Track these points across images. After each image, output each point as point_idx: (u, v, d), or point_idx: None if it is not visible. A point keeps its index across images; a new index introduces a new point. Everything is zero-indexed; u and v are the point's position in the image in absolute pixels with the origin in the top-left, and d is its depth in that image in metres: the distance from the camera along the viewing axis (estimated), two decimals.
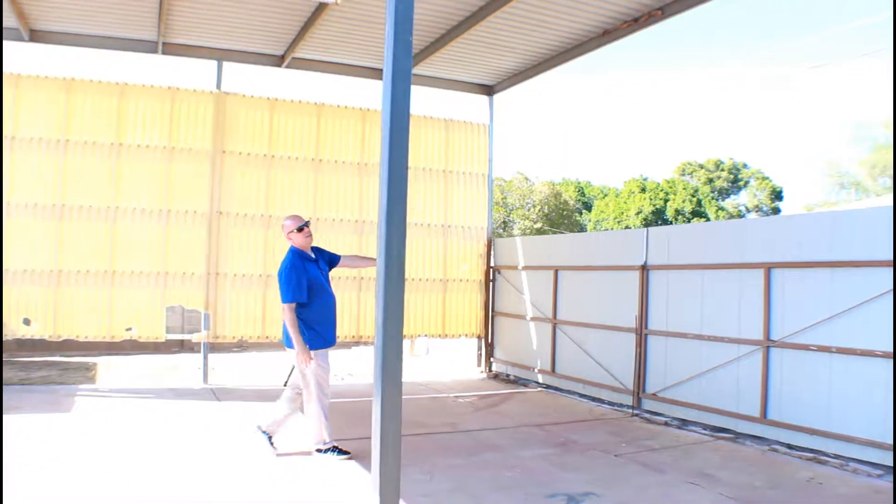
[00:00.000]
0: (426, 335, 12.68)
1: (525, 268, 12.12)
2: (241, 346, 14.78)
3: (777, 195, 59.37)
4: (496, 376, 12.63)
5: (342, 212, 11.87)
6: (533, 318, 11.85)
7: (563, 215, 44.05)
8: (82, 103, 10.77)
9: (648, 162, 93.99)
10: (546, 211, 42.53)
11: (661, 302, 9.37)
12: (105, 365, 12.90)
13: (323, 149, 11.81)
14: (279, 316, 11.21)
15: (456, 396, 10.62)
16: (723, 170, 61.50)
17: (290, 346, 6.82)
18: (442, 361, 14.44)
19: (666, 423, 8.86)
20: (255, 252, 11.40)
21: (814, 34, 78.88)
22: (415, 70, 11.87)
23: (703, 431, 8.40)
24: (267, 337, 11.42)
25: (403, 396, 4.52)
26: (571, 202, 49.43)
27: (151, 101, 11.03)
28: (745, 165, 62.11)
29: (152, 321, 10.93)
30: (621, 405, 9.87)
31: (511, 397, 10.72)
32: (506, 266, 12.68)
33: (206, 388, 10.76)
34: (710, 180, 60.48)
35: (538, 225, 41.59)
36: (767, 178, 61.01)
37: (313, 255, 7.04)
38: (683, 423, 8.76)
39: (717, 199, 58.95)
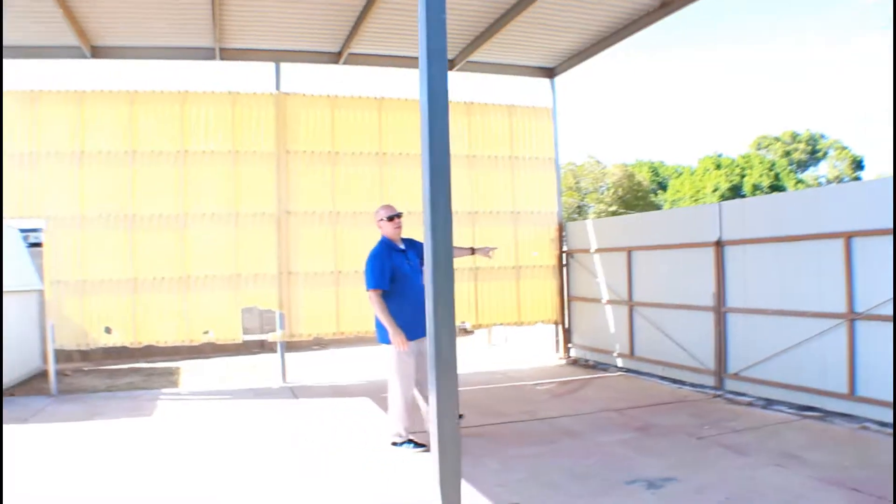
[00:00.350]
0: (501, 324, 12.53)
1: (598, 250, 11.86)
2: (319, 344, 14.85)
3: (858, 164, 57.80)
4: (575, 362, 12.41)
5: (410, 204, 11.74)
6: (609, 302, 11.60)
7: (638, 197, 43.35)
8: (146, 114, 10.92)
9: (722, 138, 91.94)
10: (620, 193, 41.95)
11: (738, 278, 9.03)
12: (188, 369, 13.08)
13: (386, 142, 11.75)
14: (354, 312, 11.32)
15: (534, 384, 10.44)
16: (800, 141, 60.23)
17: (384, 340, 6.80)
18: (520, 349, 14.27)
19: (750, 404, 8.50)
20: (325, 249, 11.40)
21: None
22: (473, 57, 11.77)
23: (789, 411, 8.02)
24: (342, 333, 11.41)
25: (481, 386, 4.41)
26: (645, 183, 48.64)
27: (213, 107, 11.13)
28: (822, 136, 60.93)
29: (229, 323, 11.02)
30: (703, 386, 9.55)
31: (590, 383, 10.49)
32: (578, 250, 12.43)
33: (284, 386, 10.82)
34: (787, 153, 59.20)
35: (613, 208, 41.01)
36: (847, 147, 59.45)
37: (402, 246, 7.02)
38: (768, 403, 8.40)
39: (795, 172, 57.44)
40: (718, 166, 54.54)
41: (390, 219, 6.94)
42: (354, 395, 9.76)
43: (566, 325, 12.81)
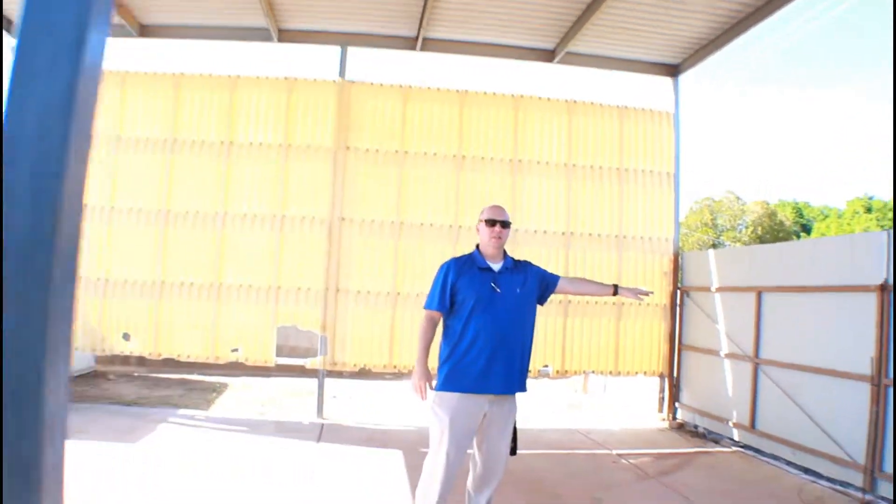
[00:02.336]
0: (593, 371, 10.28)
1: (720, 289, 9.51)
2: (364, 375, 12.90)
3: None
4: (680, 427, 10.03)
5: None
6: (728, 355, 9.22)
7: (779, 238, 39.92)
8: (191, 99, 9.60)
9: (873, 180, 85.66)
10: (759, 233, 38.69)
11: None
12: (238, 387, 11.63)
13: (467, 143, 9.81)
14: (412, 342, 9.44)
15: (619, 454, 8.19)
16: None
17: (512, 388, 4.71)
18: (618, 403, 11.95)
19: None
20: (384, 265, 9.55)
21: None
22: (571, 47, 9.72)
23: None
24: (395, 367, 9.51)
25: (549, 451, 2.50)
26: (788, 223, 44.99)
27: (266, 94, 9.62)
28: None
29: (261, 342, 9.35)
30: (846, 484, 7.08)
31: (693, 460, 8.15)
32: (697, 287, 10.10)
33: (316, 423, 9.02)
34: None
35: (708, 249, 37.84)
36: None
37: (495, 264, 4.86)
38: None
39: None
40: (869, 209, 50.24)
41: (489, 223, 4.85)
42: (388, 446, 7.81)
43: (674, 380, 10.47)
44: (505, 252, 4.90)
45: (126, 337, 9.35)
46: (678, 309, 10.45)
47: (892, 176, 36.82)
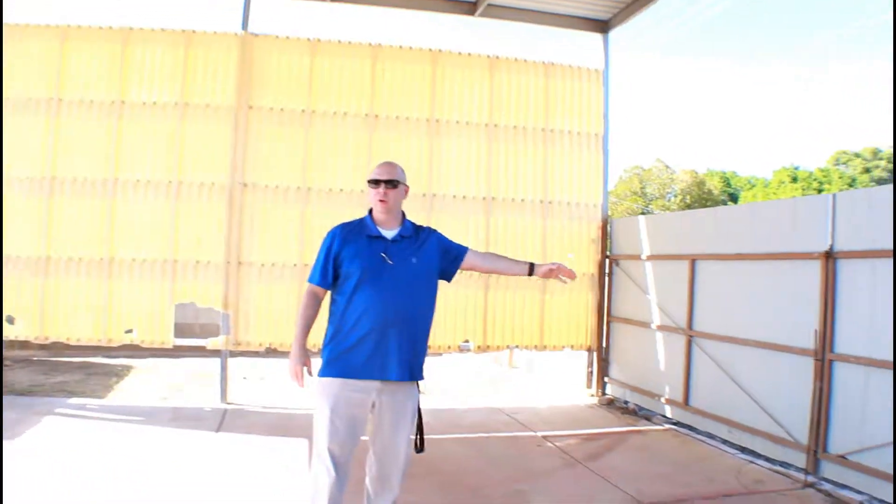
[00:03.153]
0: (517, 346, 9.68)
1: (651, 257, 8.98)
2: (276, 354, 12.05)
3: None
4: (610, 403, 9.51)
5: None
6: (660, 328, 8.71)
7: (707, 206, 40.02)
8: (78, 53, 8.61)
9: (799, 151, 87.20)
10: (688, 201, 38.72)
11: (859, 309, 6.08)
12: (144, 369, 10.82)
13: (380, 101, 9.04)
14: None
15: (544, 436, 7.62)
16: (881, 158, 57.09)
17: (404, 375, 4.03)
18: (545, 378, 11.39)
19: None
20: (290, 235, 8.77)
21: None
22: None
23: None
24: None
25: (470, 434, 2.37)
26: (716, 192, 45.26)
27: (161, 48, 8.71)
28: None
29: (157, 322, 8.53)
30: (786, 465, 6.63)
31: (624, 441, 7.62)
32: (626, 255, 9.55)
33: (219, 408, 8.26)
34: (867, 170, 55.81)
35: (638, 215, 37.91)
36: None
37: (391, 232, 4.16)
38: None
39: None
40: (795, 179, 50.91)
41: (373, 184, 4.17)
42: (293, 434, 7.07)
43: (603, 354, 9.95)
44: (404, 218, 4.22)
45: (10, 320, 8.41)
46: (607, 279, 9.91)
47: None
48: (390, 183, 4.11)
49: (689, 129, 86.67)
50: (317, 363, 4.04)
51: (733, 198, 54.37)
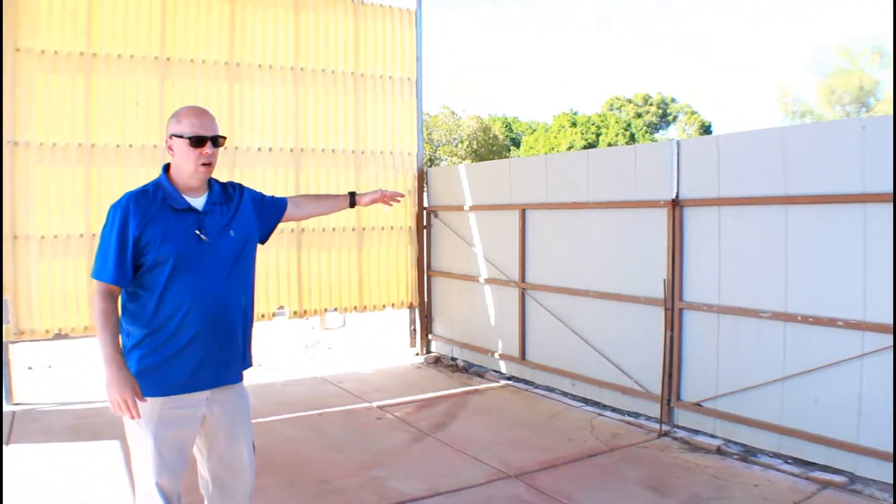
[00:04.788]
0: (335, 309, 9.00)
1: (474, 207, 8.53)
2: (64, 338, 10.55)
3: (706, 129, 58.56)
4: (437, 360, 9.07)
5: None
6: (489, 281, 8.31)
7: (493, 151, 40.56)
8: None
9: (575, 97, 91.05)
10: (475, 147, 38.98)
11: (707, 258, 5.91)
12: None
13: (172, 42, 7.86)
14: None
15: (381, 406, 7.03)
16: (651, 104, 60.94)
17: (237, 375, 3.28)
18: (362, 337, 10.80)
19: (719, 451, 5.56)
20: (74, 201, 7.49)
21: None
22: None
23: (791, 469, 5.10)
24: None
25: (298, 413, 1.85)
26: (501, 137, 46.02)
27: None
28: (673, 100, 61.98)
29: None
30: (636, 414, 6.50)
31: (465, 403, 7.17)
32: (446, 206, 9.06)
33: (6, 411, 6.94)
34: (639, 115, 59.34)
35: (467, 161, 38.08)
36: (696, 112, 60.43)
37: (200, 200, 3.17)
38: (748, 453, 5.47)
39: (650, 133, 57.13)
40: (574, 124, 52.81)
41: (195, 143, 3.06)
42: (102, 435, 5.99)
43: (426, 311, 9.47)
44: (210, 178, 3.25)
45: None
46: (426, 231, 9.40)
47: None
48: (217, 141, 3.12)
49: (471, 74, 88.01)
50: None
51: (515, 143, 55.75)
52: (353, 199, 3.71)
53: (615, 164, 6.79)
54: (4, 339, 7.21)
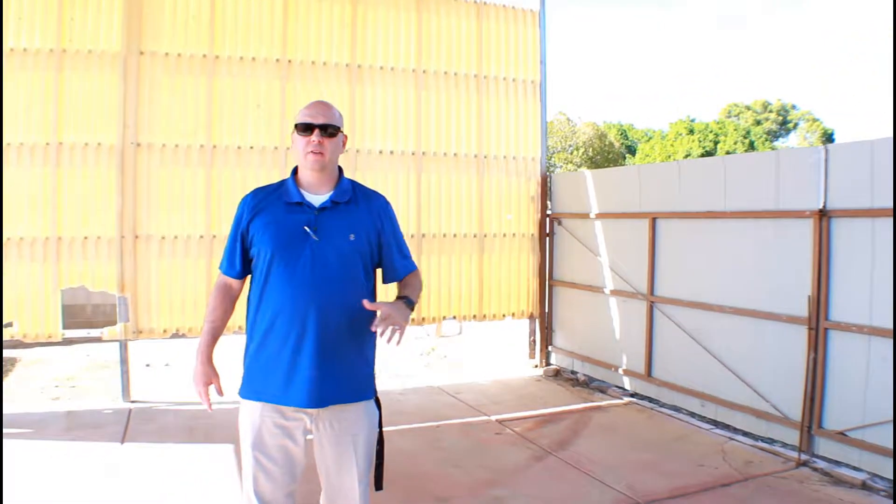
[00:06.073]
0: (454, 317, 8.77)
1: (601, 215, 8.16)
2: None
3: (828, 137, 56.55)
4: (557, 374, 8.73)
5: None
6: (615, 292, 7.93)
7: (609, 159, 39.88)
8: None
9: (692, 104, 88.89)
10: (591, 154, 38.36)
11: (858, 274, 5.39)
12: (31, 361, 9.34)
13: (293, 44, 7.84)
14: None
15: (500, 420, 6.75)
16: (771, 111, 59.16)
17: (341, 396, 2.94)
18: (479, 346, 10.54)
19: (864, 486, 5.04)
20: (195, 202, 7.55)
21: None
22: None
23: None
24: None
25: (419, 423, 2.57)
26: (617, 145, 45.20)
27: None
28: (793, 107, 60.01)
29: (42, 310, 7.16)
30: (771, 440, 6.03)
31: (587, 420, 6.81)
32: (570, 213, 8.72)
33: (122, 408, 7.04)
34: (758, 122, 57.61)
35: (583, 168, 37.50)
36: (818, 119, 58.31)
37: (319, 197, 3.00)
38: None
39: (770, 141, 55.26)
40: (691, 131, 51.31)
41: (304, 130, 2.93)
42: (216, 438, 5.97)
43: (546, 322, 9.14)
44: (341, 176, 3.06)
45: None
46: (549, 239, 9.08)
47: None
48: (326, 129, 2.93)
49: (586, 79, 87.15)
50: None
51: (631, 150, 54.60)
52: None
53: (754, 172, 6.32)
54: (122, 338, 7.28)
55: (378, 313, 2.82)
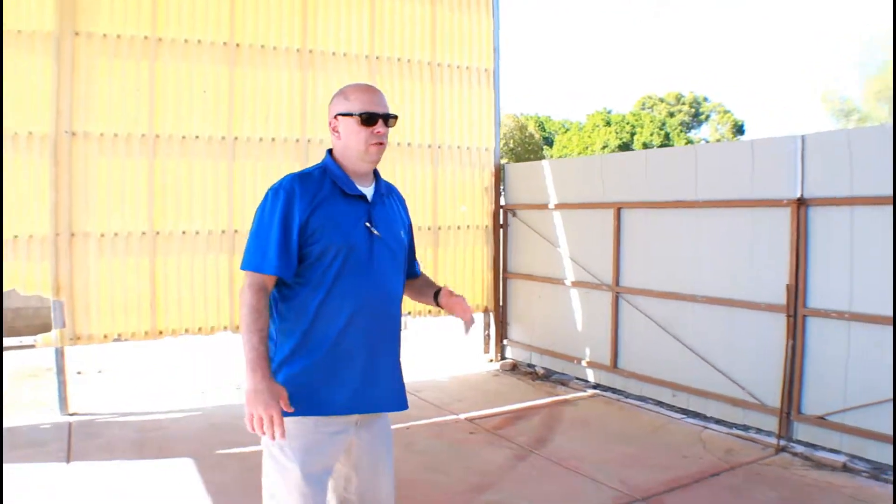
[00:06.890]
0: (408, 313, 8.45)
1: (560, 206, 7.96)
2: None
3: (739, 129, 58.12)
4: (514, 367, 8.51)
5: (275, 127, 7.56)
6: (576, 284, 7.74)
7: (529, 150, 40.08)
8: None
9: (607, 96, 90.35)
10: (511, 146, 38.47)
11: (837, 261, 5.37)
12: None
13: (242, 28, 7.38)
14: (184, 297, 7.17)
15: (469, 418, 6.49)
16: (683, 103, 60.70)
17: (401, 401, 2.83)
18: (431, 341, 10.23)
19: (846, 468, 5.06)
20: (136, 196, 7.01)
21: None
22: None
23: None
24: (160, 332, 7.12)
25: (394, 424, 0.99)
26: (537, 136, 45.49)
27: None
28: (705, 99, 61.99)
29: None
30: (746, 427, 6.01)
31: (558, 415, 6.61)
32: (526, 205, 8.50)
33: (62, 422, 6.46)
34: (671, 114, 59.04)
35: (504, 160, 37.64)
36: (729, 111, 59.91)
37: (370, 190, 2.76)
38: (878, 470, 4.99)
39: (684, 132, 56.65)
40: (608, 123, 52.29)
41: (367, 121, 2.68)
42: (170, 452, 5.53)
43: (501, 315, 8.91)
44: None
45: None
46: (502, 231, 8.85)
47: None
48: (388, 119, 2.71)
49: (504, 72, 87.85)
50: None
51: (548, 142, 55.22)
52: (437, 295, 3.03)
53: (727, 161, 6.24)
54: (58, 345, 6.73)
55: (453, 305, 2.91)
